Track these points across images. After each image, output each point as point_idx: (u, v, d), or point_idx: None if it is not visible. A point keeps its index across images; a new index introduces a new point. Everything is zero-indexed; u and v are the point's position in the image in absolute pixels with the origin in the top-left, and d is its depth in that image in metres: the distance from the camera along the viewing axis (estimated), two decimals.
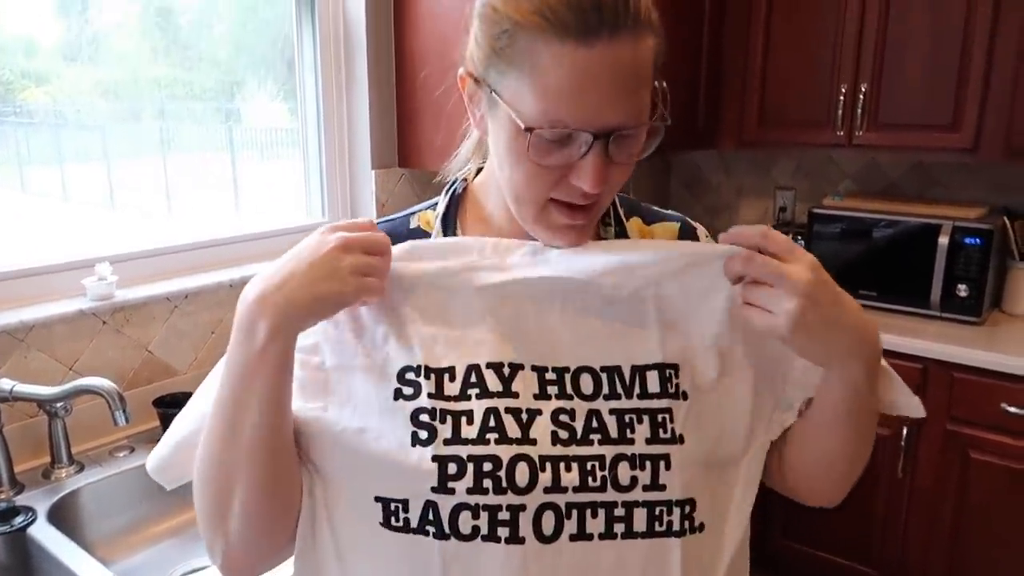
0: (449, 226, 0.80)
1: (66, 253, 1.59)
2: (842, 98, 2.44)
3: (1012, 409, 2.05)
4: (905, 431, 2.23)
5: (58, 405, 1.39)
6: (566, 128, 0.65)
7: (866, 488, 2.32)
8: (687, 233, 0.85)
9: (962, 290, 2.29)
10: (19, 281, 1.52)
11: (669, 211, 0.88)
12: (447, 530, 0.67)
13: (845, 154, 2.76)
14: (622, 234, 0.80)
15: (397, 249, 0.73)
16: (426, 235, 0.80)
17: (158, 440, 1.45)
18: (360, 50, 2.05)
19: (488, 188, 0.79)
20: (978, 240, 2.26)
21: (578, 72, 0.63)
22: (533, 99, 0.65)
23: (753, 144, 2.71)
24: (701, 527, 0.72)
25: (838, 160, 2.84)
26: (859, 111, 2.41)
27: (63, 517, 1.33)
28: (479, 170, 0.82)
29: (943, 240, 2.30)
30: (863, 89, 2.39)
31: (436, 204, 0.83)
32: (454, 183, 0.83)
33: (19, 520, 1.28)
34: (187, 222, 1.89)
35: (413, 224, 0.82)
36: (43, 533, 1.26)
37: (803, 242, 2.57)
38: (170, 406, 1.59)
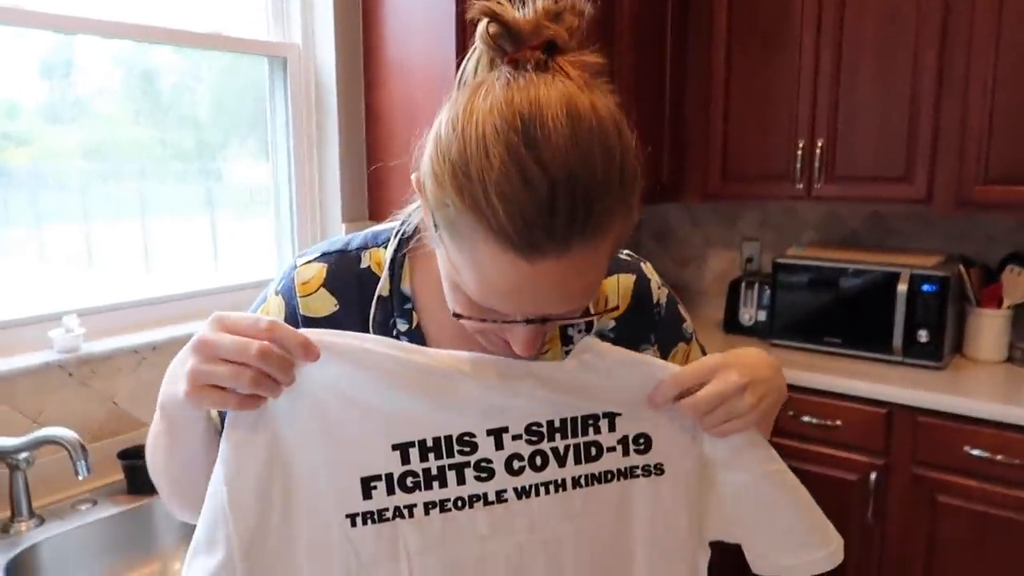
0: (396, 276, 0.78)
1: (34, 306, 1.60)
2: (800, 152, 2.53)
3: (975, 452, 2.08)
4: (874, 476, 2.25)
5: (20, 457, 1.38)
6: (500, 316, 0.64)
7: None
8: (642, 287, 0.85)
9: (923, 336, 2.35)
10: None
11: (626, 258, 0.87)
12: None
13: (806, 206, 2.85)
14: None
15: (316, 335, 0.66)
16: (375, 278, 0.78)
17: (122, 492, 1.44)
18: (331, 108, 2.11)
19: None
20: (935, 287, 2.32)
21: (519, 281, 0.59)
22: (472, 279, 0.62)
23: (717, 197, 2.78)
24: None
25: (800, 211, 2.93)
26: (816, 165, 2.50)
27: (22, 571, 1.31)
28: None
29: (902, 287, 2.36)
30: (819, 144, 2.49)
31: (389, 239, 0.80)
32: (404, 223, 0.80)
33: None
34: (164, 280, 1.90)
35: (364, 263, 0.79)
36: None
37: (768, 292, 2.63)
38: (135, 457, 1.58)
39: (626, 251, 0.87)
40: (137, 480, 1.56)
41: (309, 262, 0.79)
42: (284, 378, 0.63)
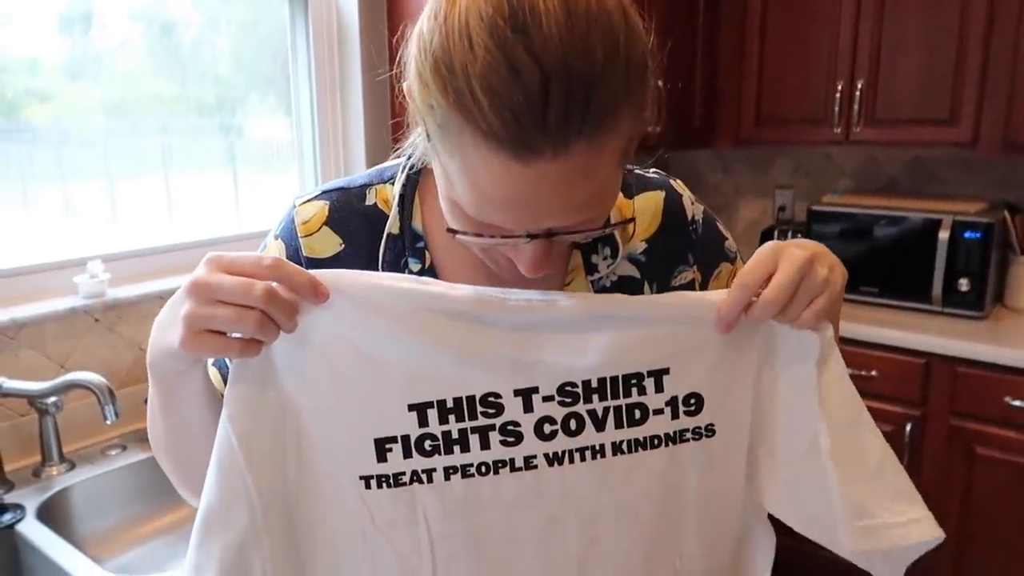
0: (406, 212, 0.72)
1: (59, 252, 1.58)
2: (839, 95, 2.43)
3: (1016, 403, 2.02)
4: (909, 427, 2.20)
5: (48, 401, 1.38)
6: (500, 231, 0.58)
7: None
8: (673, 202, 0.79)
9: (963, 285, 2.27)
10: (11, 280, 1.51)
11: (654, 175, 0.80)
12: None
13: (843, 151, 2.75)
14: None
15: (323, 275, 0.60)
16: (383, 216, 0.72)
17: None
18: (353, 53, 2.05)
19: None
20: (979, 234, 2.24)
21: (514, 187, 0.53)
22: (465, 189, 0.56)
23: (750, 143, 2.70)
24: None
25: (836, 157, 2.83)
26: (856, 108, 2.40)
27: (53, 515, 1.32)
28: None
29: (943, 235, 2.28)
30: (859, 85, 2.38)
31: (396, 176, 0.73)
32: (411, 156, 0.72)
33: (7, 517, 1.26)
34: (187, 234, 1.89)
35: (369, 200, 0.73)
36: (32, 530, 1.25)
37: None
38: None
39: (653, 169, 0.81)
40: None
41: (308, 201, 0.74)
42: (289, 323, 0.58)
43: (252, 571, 0.63)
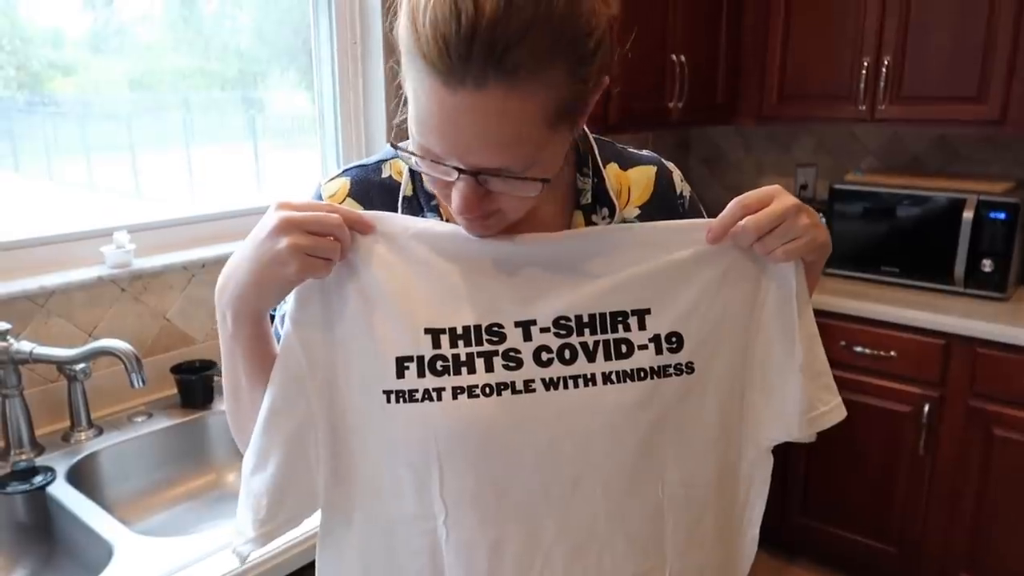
0: (418, 176, 0.79)
1: (84, 223, 1.61)
2: (864, 71, 2.39)
3: None
4: (927, 408, 2.20)
5: (77, 368, 1.41)
6: (435, 157, 0.65)
7: (887, 465, 2.30)
8: (663, 175, 0.87)
9: (987, 265, 2.25)
10: (41, 248, 1.53)
11: (644, 152, 0.89)
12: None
13: (867, 129, 2.72)
14: (600, 185, 0.81)
15: (364, 214, 0.72)
16: (398, 185, 0.80)
17: (176, 406, 1.49)
18: (376, 27, 2.04)
19: None
20: (1004, 214, 2.21)
21: (443, 112, 0.61)
22: (412, 112, 0.65)
23: (773, 119, 2.67)
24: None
25: (860, 135, 2.80)
26: (882, 84, 2.37)
27: (82, 478, 1.35)
28: None
29: (968, 215, 2.26)
30: (886, 62, 2.35)
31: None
32: None
33: (39, 479, 1.29)
34: (209, 207, 1.91)
35: (385, 173, 0.81)
36: (62, 492, 1.28)
37: (824, 219, 2.54)
38: (187, 372, 1.60)
39: (646, 149, 0.90)
40: (190, 394, 1.59)
41: (332, 179, 0.83)
42: (348, 248, 0.70)
43: (308, 455, 0.73)
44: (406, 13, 0.62)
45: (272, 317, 0.79)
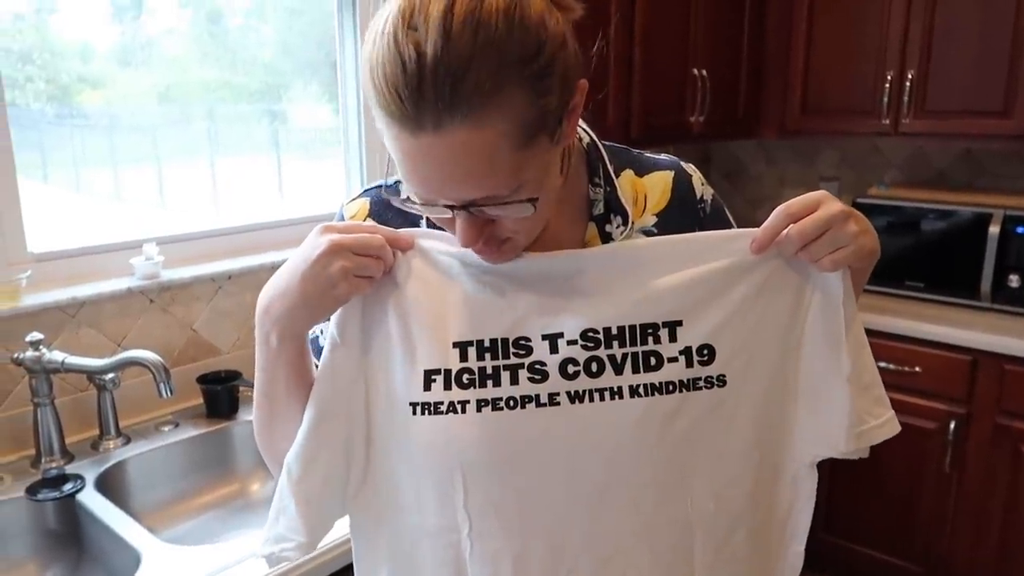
0: None
1: (110, 235, 1.64)
2: (888, 85, 2.39)
3: None
4: (953, 425, 2.17)
5: (107, 377, 1.43)
6: (424, 200, 0.66)
7: (912, 483, 2.27)
8: (682, 181, 0.84)
9: (1014, 280, 2.23)
10: (72, 260, 1.57)
11: (662, 156, 0.87)
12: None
13: (891, 143, 2.70)
14: (612, 193, 0.80)
15: (401, 232, 0.75)
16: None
17: (202, 416, 1.51)
18: None
19: None
20: None
21: (413, 157, 0.63)
22: (396, 165, 0.67)
23: (796, 133, 2.67)
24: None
25: (884, 149, 2.78)
26: (906, 98, 2.36)
27: (110, 486, 1.37)
28: None
29: (994, 229, 2.24)
30: (910, 75, 2.34)
31: None
32: None
33: (68, 487, 1.32)
34: (234, 220, 1.94)
35: (404, 194, 0.80)
36: (91, 500, 1.30)
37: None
38: (213, 382, 1.62)
39: (665, 153, 0.89)
40: (216, 404, 1.61)
41: (352, 200, 0.86)
42: (389, 267, 0.73)
43: (348, 464, 0.76)
44: (365, 73, 0.64)
45: None
